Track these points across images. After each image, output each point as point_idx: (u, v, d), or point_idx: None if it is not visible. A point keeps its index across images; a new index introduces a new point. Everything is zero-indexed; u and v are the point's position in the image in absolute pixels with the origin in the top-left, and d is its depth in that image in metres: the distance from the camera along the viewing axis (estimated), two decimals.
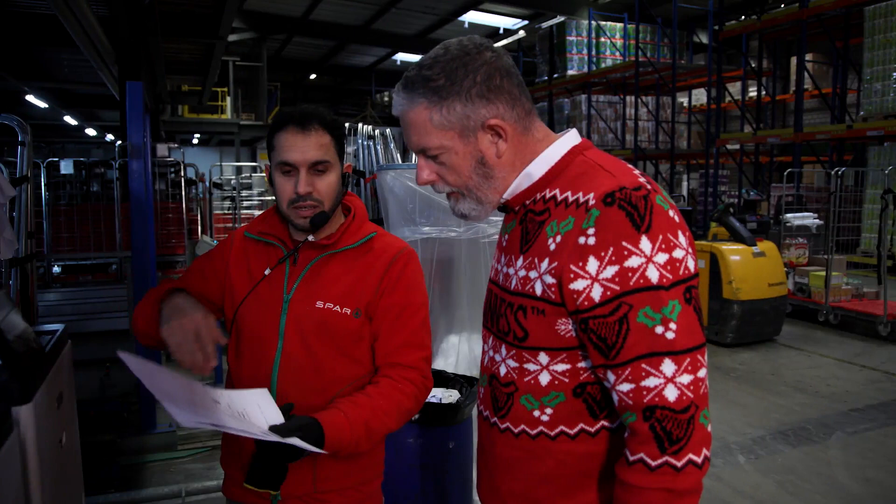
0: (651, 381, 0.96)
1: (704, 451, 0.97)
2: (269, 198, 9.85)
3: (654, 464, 0.96)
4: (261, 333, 1.41)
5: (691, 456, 0.96)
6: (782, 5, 14.70)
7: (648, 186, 1.02)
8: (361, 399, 1.32)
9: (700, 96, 18.85)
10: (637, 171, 1.06)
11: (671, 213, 1.01)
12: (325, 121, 1.39)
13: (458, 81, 1.04)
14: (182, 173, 7.50)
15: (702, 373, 0.98)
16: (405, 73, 1.09)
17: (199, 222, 9.69)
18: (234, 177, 9.25)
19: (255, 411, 1.20)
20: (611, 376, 1.00)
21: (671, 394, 0.96)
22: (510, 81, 1.07)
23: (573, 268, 1.00)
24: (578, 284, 0.99)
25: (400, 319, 1.41)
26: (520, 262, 1.09)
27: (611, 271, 0.97)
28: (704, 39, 17.56)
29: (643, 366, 0.97)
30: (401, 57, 25.30)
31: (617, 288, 0.97)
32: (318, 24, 20.09)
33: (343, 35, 21.55)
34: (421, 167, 1.12)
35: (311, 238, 1.41)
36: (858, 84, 12.03)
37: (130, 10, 6.43)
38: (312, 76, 28.32)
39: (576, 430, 1.07)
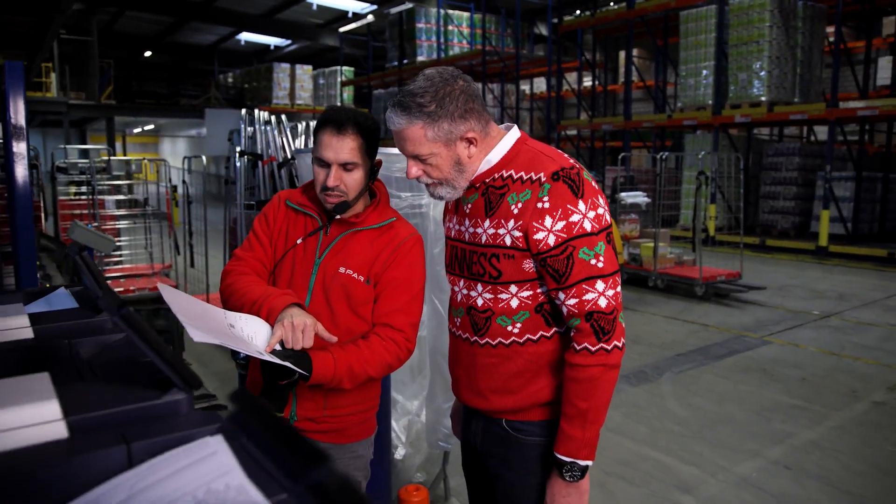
0: (590, 296, 1.41)
1: (623, 340, 1.45)
2: (126, 182, 9.42)
3: (594, 349, 1.41)
4: (294, 286, 1.68)
5: (615, 342, 1.42)
6: (612, 3, 16.10)
7: (577, 166, 1.47)
8: (350, 348, 1.59)
9: (541, 85, 20.07)
10: (566, 155, 1.51)
11: (593, 183, 1.47)
12: (360, 125, 1.62)
13: (446, 107, 1.43)
14: None
15: (619, 289, 1.46)
16: (398, 98, 1.46)
17: (43, 209, 9.05)
18: (85, 160, 8.74)
19: (263, 337, 1.50)
20: (561, 295, 1.44)
21: (603, 302, 1.41)
22: (477, 102, 1.48)
23: (535, 224, 1.42)
24: (539, 235, 1.42)
25: (398, 290, 1.67)
26: (487, 223, 1.50)
27: (560, 225, 1.40)
28: (545, 31, 18.68)
29: (584, 286, 1.41)
30: (245, 37, 24.34)
31: (565, 236, 1.40)
32: None
33: (182, 11, 20.43)
34: (410, 166, 1.50)
35: (338, 216, 1.69)
36: (675, 78, 13.58)
37: None
38: (148, 53, 26.59)
39: (538, 336, 1.51)
